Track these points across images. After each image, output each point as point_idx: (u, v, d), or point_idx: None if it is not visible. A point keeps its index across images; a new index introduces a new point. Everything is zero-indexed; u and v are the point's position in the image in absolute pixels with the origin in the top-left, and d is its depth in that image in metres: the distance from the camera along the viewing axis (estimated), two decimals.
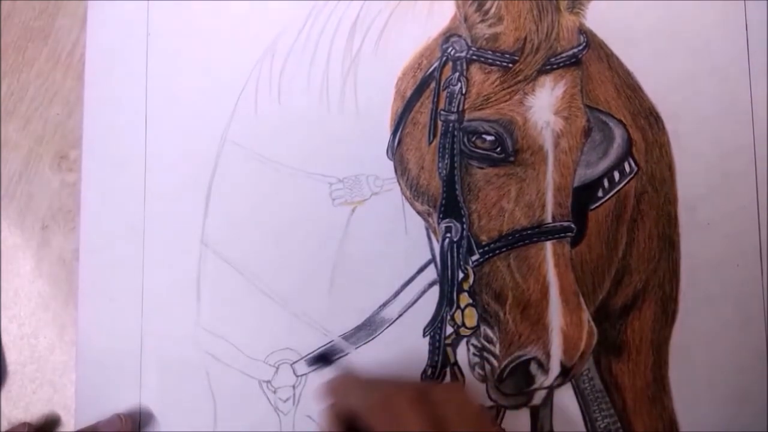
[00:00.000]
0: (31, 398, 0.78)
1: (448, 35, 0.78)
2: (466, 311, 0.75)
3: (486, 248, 0.74)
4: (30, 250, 0.80)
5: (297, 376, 0.76)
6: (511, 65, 0.75)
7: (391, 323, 0.77)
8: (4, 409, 0.78)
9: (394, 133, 0.78)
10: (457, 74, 0.76)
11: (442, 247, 0.76)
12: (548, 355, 0.72)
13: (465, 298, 0.75)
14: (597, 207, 0.77)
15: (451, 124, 0.76)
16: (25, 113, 0.81)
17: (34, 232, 0.80)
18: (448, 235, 0.75)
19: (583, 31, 0.77)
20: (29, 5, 0.83)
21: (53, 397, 0.78)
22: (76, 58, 0.81)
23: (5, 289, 0.80)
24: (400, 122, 0.78)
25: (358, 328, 0.77)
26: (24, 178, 0.81)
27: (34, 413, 0.78)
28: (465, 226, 0.75)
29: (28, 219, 0.80)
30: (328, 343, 0.77)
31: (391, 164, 0.78)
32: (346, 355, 0.76)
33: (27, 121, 0.81)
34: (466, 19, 0.77)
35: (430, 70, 0.77)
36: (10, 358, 0.79)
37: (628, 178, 0.77)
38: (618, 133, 0.77)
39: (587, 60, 0.77)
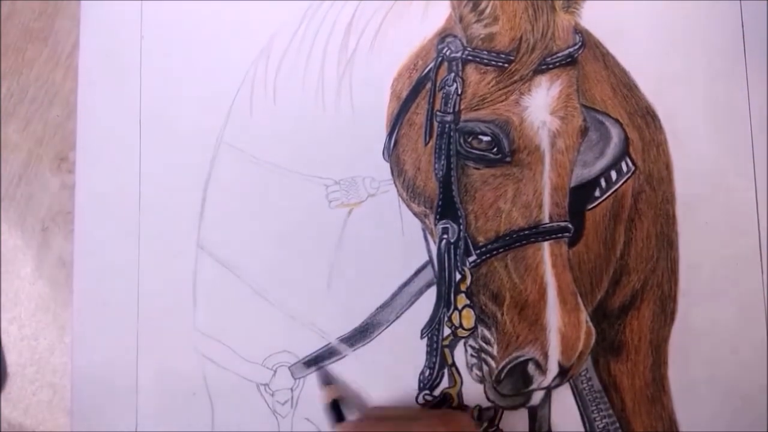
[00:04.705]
0: (31, 400, 0.79)
1: (443, 35, 0.77)
2: (464, 312, 0.75)
3: (483, 249, 0.74)
4: (30, 251, 0.80)
5: (295, 379, 0.77)
6: (506, 65, 0.74)
7: (389, 325, 0.77)
8: (4, 411, 0.78)
9: (390, 135, 0.78)
10: (452, 75, 0.75)
11: (439, 248, 0.76)
12: (546, 356, 0.72)
13: (462, 300, 0.75)
14: (594, 207, 0.77)
15: (447, 125, 0.75)
16: (25, 115, 0.82)
17: (34, 234, 0.80)
18: (445, 236, 0.75)
19: (578, 30, 0.77)
20: (28, 6, 0.83)
21: (53, 398, 0.78)
22: (76, 60, 0.81)
23: (5, 291, 0.80)
24: (396, 123, 0.78)
25: (356, 330, 0.77)
26: (24, 179, 0.81)
27: (34, 415, 0.79)
28: (462, 227, 0.75)
29: (28, 221, 0.81)
30: (325, 346, 0.77)
31: (387, 166, 0.78)
32: (344, 357, 0.77)
33: (27, 122, 0.82)
34: (461, 20, 0.76)
35: (426, 70, 0.77)
36: (10, 359, 0.79)
37: (626, 178, 0.77)
38: (615, 132, 0.77)
39: (583, 59, 0.77)
